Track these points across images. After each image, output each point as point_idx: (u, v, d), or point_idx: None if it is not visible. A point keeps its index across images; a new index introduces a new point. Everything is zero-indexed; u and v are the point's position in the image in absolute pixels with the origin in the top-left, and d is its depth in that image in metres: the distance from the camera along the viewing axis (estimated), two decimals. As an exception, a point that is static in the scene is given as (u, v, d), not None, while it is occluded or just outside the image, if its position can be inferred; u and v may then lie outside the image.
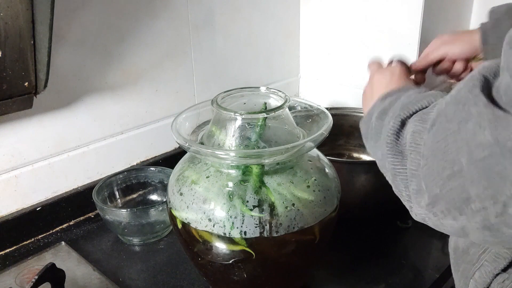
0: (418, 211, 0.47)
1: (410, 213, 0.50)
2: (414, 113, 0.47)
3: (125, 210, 0.81)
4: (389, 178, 0.51)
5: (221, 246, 0.59)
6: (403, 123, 0.47)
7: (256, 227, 0.57)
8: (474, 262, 0.54)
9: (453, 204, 0.39)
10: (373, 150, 0.55)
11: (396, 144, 0.47)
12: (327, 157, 0.68)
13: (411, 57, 1.12)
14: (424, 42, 1.11)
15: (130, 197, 0.93)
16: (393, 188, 0.51)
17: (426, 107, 0.47)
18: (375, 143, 0.53)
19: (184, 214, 0.61)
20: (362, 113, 1.05)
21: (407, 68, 0.72)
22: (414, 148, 0.43)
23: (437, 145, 0.40)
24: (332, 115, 0.65)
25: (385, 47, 1.16)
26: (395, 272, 0.77)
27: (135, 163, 1.01)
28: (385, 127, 0.50)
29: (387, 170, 0.50)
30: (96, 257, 0.81)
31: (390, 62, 0.73)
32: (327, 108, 0.67)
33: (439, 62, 0.81)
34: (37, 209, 0.86)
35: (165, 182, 0.91)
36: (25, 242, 0.85)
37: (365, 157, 1.07)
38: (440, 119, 0.41)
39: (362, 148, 1.07)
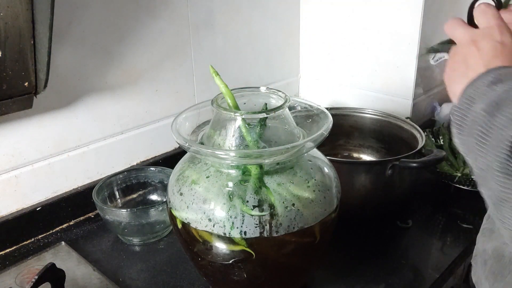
0: None
1: (509, 244, 0.42)
2: None
3: (125, 210, 0.81)
4: (488, 196, 0.42)
5: (221, 246, 0.59)
6: None
7: (256, 227, 0.57)
8: None
9: None
10: (471, 150, 0.43)
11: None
12: (327, 157, 0.68)
13: (412, 57, 1.12)
14: (424, 42, 1.11)
15: (130, 197, 0.93)
16: (491, 209, 0.42)
17: None
18: (477, 145, 0.42)
19: (184, 214, 0.61)
20: (362, 113, 1.07)
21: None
22: None
23: None
24: (332, 115, 0.65)
25: (385, 47, 1.16)
26: (395, 272, 0.77)
27: (135, 163, 1.01)
28: (498, 131, 0.39)
29: (489, 188, 0.41)
30: (96, 257, 0.81)
31: (471, 8, 0.57)
32: (327, 108, 0.67)
33: None
34: (37, 209, 0.86)
35: (165, 182, 0.91)
36: (25, 242, 0.85)
37: (365, 157, 1.07)
38: None
39: (362, 148, 1.07)
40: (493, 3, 0.56)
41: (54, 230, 0.89)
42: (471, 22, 0.56)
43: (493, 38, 0.50)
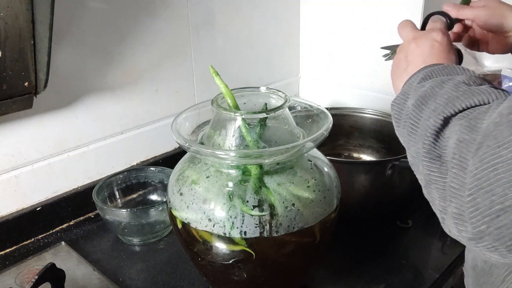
0: (454, 233, 0.41)
1: (441, 224, 0.44)
2: (460, 111, 0.41)
3: (125, 210, 0.81)
4: (420, 180, 0.45)
5: (221, 246, 0.59)
6: (446, 122, 0.41)
7: (256, 227, 0.57)
8: (499, 284, 0.50)
9: (503, 242, 0.35)
10: (405, 141, 0.48)
11: (435, 146, 0.41)
12: (327, 157, 0.68)
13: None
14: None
15: (130, 197, 0.93)
16: (424, 192, 0.46)
17: (476, 106, 0.40)
18: (409, 135, 0.46)
19: (184, 214, 0.61)
20: (362, 113, 1.06)
21: (448, 28, 0.61)
22: (458, 162, 0.37)
23: (484, 174, 0.34)
24: (332, 115, 0.65)
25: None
26: (395, 272, 0.77)
27: (135, 163, 1.01)
28: (423, 122, 0.43)
29: (419, 172, 0.44)
30: (96, 257, 0.81)
31: (426, 19, 0.63)
32: (327, 108, 0.67)
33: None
34: (37, 209, 0.86)
35: (165, 182, 0.91)
36: (25, 242, 0.85)
37: (365, 157, 1.07)
38: (489, 142, 0.35)
39: (362, 148, 1.07)
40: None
41: (54, 230, 0.89)
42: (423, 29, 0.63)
43: (432, 38, 0.56)
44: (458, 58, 0.58)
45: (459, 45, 0.70)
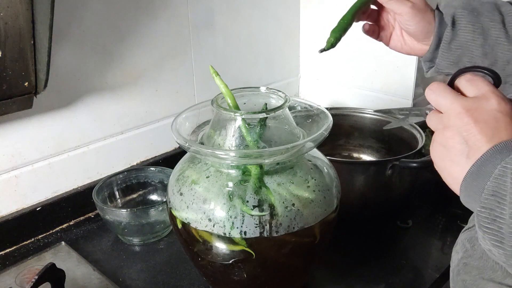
0: None
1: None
2: None
3: (125, 210, 0.81)
4: None
5: (221, 246, 0.59)
6: None
7: (256, 227, 0.57)
8: None
9: None
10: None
11: None
12: (327, 157, 0.68)
13: (412, 57, 1.12)
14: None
15: (130, 197, 0.93)
16: None
17: None
18: None
19: (184, 214, 0.61)
20: (362, 113, 1.06)
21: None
22: None
23: None
24: (332, 115, 0.65)
25: (385, 47, 1.16)
26: (395, 272, 0.77)
27: (135, 163, 1.01)
28: None
29: None
30: (96, 257, 0.81)
31: (454, 77, 0.48)
32: (327, 108, 0.67)
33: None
34: (37, 209, 0.86)
35: (165, 182, 0.91)
36: (25, 242, 0.85)
37: (365, 157, 1.07)
38: None
39: (362, 148, 1.07)
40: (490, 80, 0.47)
41: (54, 230, 0.89)
42: None
43: (490, 107, 0.42)
44: None
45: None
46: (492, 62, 0.67)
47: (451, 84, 0.48)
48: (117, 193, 0.92)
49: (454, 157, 0.43)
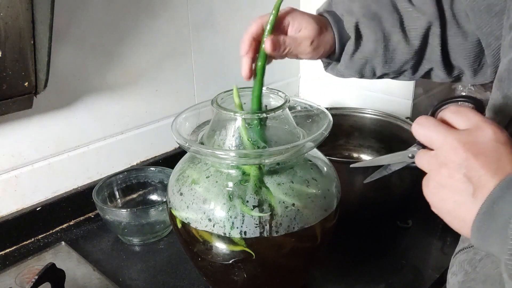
0: None
1: None
2: None
3: (125, 210, 0.81)
4: None
5: (221, 246, 0.59)
6: None
7: (256, 227, 0.57)
8: None
9: None
10: None
11: None
12: (327, 157, 0.68)
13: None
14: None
15: (130, 197, 0.93)
16: None
17: None
18: None
19: (184, 214, 0.61)
20: (362, 113, 1.06)
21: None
22: None
23: None
24: (332, 115, 0.65)
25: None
26: (395, 272, 0.77)
27: (135, 163, 1.01)
28: None
29: None
30: (96, 257, 0.81)
31: (435, 110, 0.45)
32: (327, 108, 0.67)
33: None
34: (37, 209, 0.86)
35: (165, 182, 0.91)
36: (25, 242, 0.85)
37: (365, 157, 1.07)
38: None
39: (362, 148, 1.07)
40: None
41: (54, 230, 0.89)
42: None
43: (487, 138, 0.39)
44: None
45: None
46: (391, 66, 0.67)
47: (433, 114, 0.45)
48: (117, 193, 0.92)
49: (457, 198, 0.39)
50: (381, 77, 0.71)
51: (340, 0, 0.65)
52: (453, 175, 0.39)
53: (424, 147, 0.44)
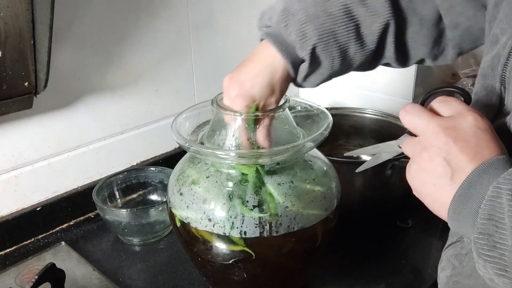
0: None
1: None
2: None
3: (125, 210, 0.81)
4: None
5: (221, 246, 0.59)
6: None
7: (256, 227, 0.57)
8: None
9: None
10: None
11: None
12: (327, 157, 0.68)
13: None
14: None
15: (130, 197, 0.93)
16: None
17: None
18: None
19: (184, 214, 0.61)
20: (362, 113, 1.06)
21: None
22: None
23: None
24: (332, 115, 0.65)
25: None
26: (395, 272, 0.77)
27: (135, 163, 1.01)
28: None
29: None
30: (96, 257, 0.81)
31: (425, 99, 0.49)
32: (327, 108, 0.67)
33: None
34: (37, 209, 0.86)
35: (165, 182, 0.91)
36: (25, 242, 0.85)
37: (365, 157, 1.06)
38: None
39: (362, 148, 1.07)
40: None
41: (54, 230, 0.89)
42: None
43: (468, 124, 0.40)
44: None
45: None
46: (348, 71, 0.64)
47: (423, 104, 0.48)
48: (117, 193, 0.92)
49: (436, 181, 0.41)
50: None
51: (292, 22, 0.60)
52: (433, 159, 0.41)
53: (413, 136, 0.46)
